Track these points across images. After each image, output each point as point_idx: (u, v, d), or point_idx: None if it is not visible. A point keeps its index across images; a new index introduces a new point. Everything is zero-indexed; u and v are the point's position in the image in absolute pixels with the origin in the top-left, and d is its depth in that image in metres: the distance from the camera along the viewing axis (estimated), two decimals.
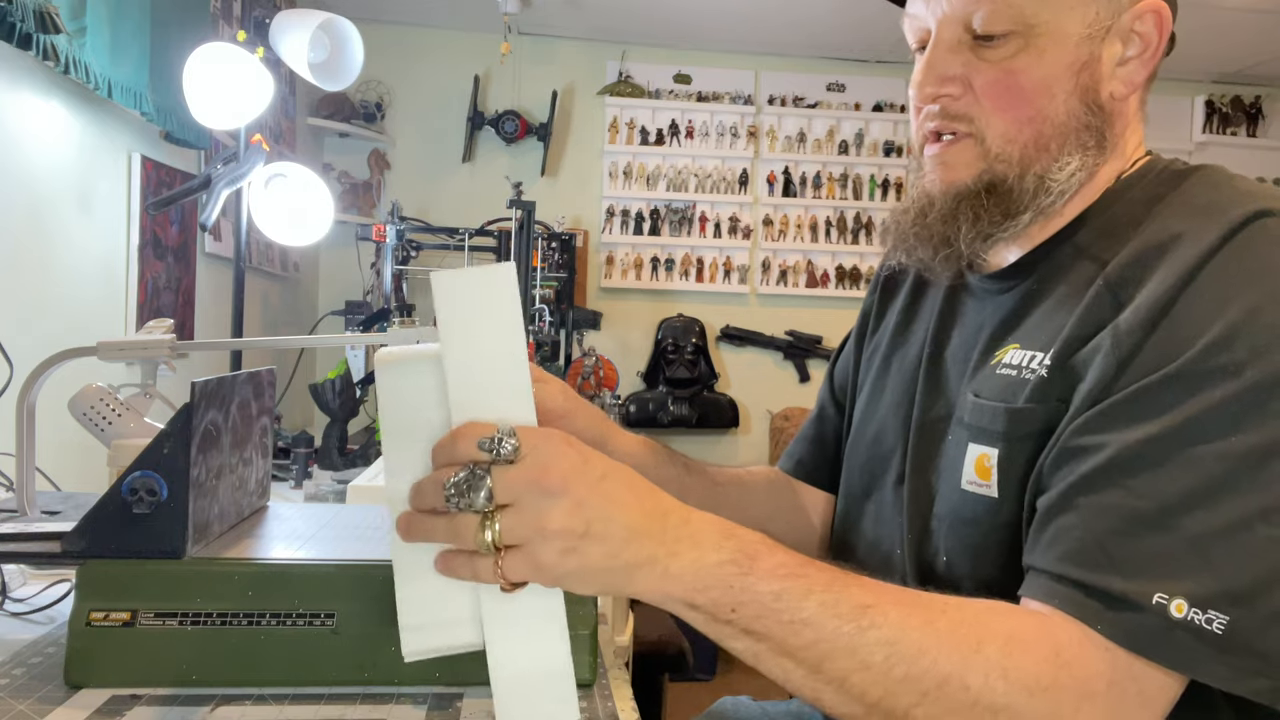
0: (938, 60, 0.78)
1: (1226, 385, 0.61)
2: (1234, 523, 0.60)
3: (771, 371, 3.98)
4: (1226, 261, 0.65)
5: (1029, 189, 0.76)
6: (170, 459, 0.80)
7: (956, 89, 0.77)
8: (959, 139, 0.78)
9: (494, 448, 0.56)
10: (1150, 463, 0.62)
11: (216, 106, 1.86)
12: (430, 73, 3.76)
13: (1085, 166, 0.76)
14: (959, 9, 0.76)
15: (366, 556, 0.83)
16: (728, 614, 0.60)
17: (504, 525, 0.56)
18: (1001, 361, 0.77)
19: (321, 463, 2.07)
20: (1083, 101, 0.75)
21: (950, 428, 0.81)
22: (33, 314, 1.65)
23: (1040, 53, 0.74)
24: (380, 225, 3.10)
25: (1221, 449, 0.61)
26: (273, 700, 0.76)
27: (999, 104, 0.76)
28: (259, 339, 2.05)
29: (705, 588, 0.60)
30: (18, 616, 0.95)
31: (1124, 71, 0.76)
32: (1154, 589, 0.59)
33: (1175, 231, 0.69)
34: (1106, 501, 0.63)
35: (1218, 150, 4.00)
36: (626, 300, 3.90)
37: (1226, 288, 0.64)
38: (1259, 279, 0.64)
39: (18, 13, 1.41)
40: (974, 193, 0.77)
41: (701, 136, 3.89)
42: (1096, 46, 0.75)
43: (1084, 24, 0.74)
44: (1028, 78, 0.74)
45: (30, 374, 1.04)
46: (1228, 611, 0.59)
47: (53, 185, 1.72)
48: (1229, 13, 3.21)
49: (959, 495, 0.77)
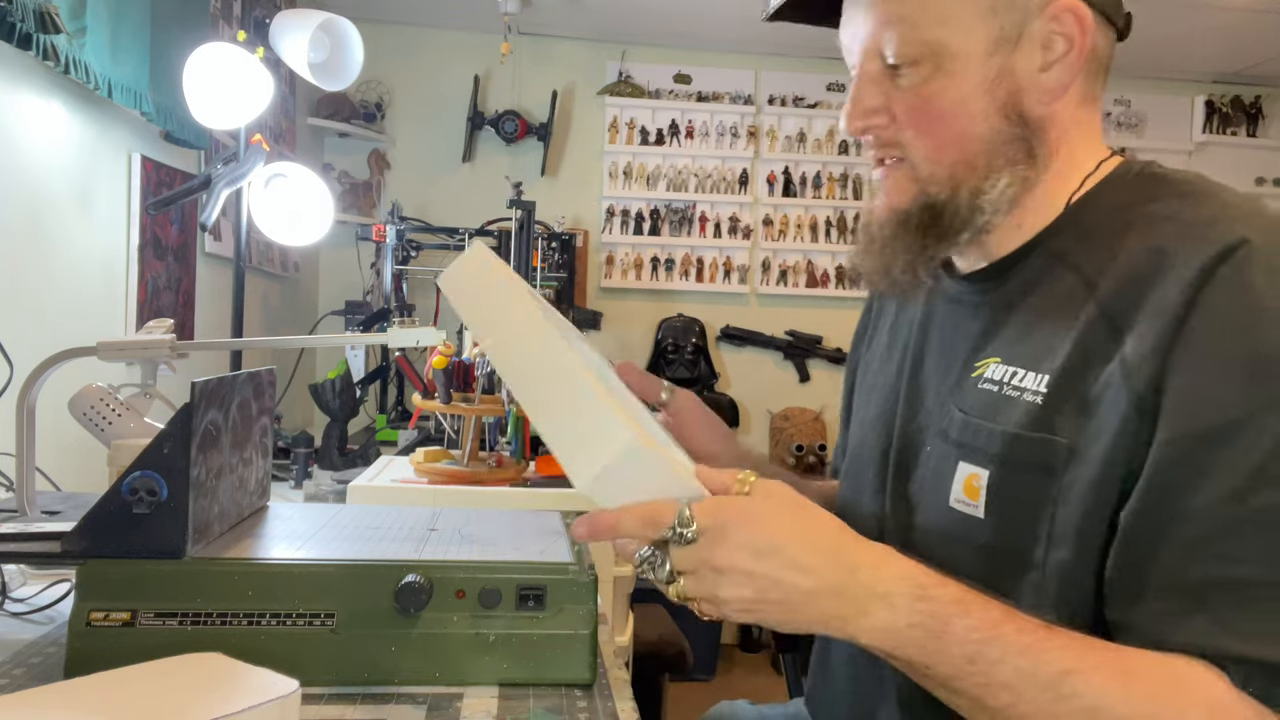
0: (860, 93, 0.79)
1: (1273, 429, 0.61)
2: None
3: (771, 371, 3.98)
4: (1222, 291, 0.65)
5: (963, 208, 0.76)
6: (170, 459, 0.80)
7: (883, 119, 0.78)
8: (896, 165, 0.80)
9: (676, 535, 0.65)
10: (1244, 525, 0.61)
11: (216, 106, 1.86)
12: (430, 73, 3.76)
13: (1016, 180, 0.76)
14: (873, 41, 0.77)
15: (366, 556, 0.83)
16: (924, 670, 0.64)
17: (686, 584, 0.66)
18: (983, 375, 0.77)
19: (321, 463, 2.07)
20: (1004, 115, 0.75)
21: (929, 439, 0.82)
22: (33, 314, 1.65)
23: (950, 75, 0.75)
24: (380, 225, 3.10)
25: None
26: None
27: (920, 129, 0.77)
28: (259, 339, 2.05)
29: (898, 647, 0.64)
30: (18, 616, 0.95)
31: (1047, 77, 0.76)
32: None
33: (1163, 251, 0.68)
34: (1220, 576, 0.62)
35: (1218, 150, 4.00)
36: (626, 300, 3.90)
37: (1239, 323, 0.64)
38: (1259, 308, 0.64)
39: (18, 13, 1.41)
40: (913, 216, 0.78)
41: (701, 136, 3.89)
42: (1007, 59, 0.74)
43: (989, 40, 0.74)
44: (943, 101, 0.75)
45: (30, 374, 1.04)
46: None
47: (53, 185, 1.72)
48: (1229, 13, 3.21)
49: (946, 512, 0.77)
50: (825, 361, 3.96)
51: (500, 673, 0.81)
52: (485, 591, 0.81)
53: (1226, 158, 4.00)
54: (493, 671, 0.81)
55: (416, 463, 1.54)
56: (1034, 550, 0.71)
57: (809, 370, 3.97)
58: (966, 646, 0.62)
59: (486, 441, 1.63)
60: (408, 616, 0.80)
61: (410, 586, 0.79)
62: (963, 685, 0.63)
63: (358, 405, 2.26)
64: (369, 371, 3.02)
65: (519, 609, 0.81)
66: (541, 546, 0.89)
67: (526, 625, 0.82)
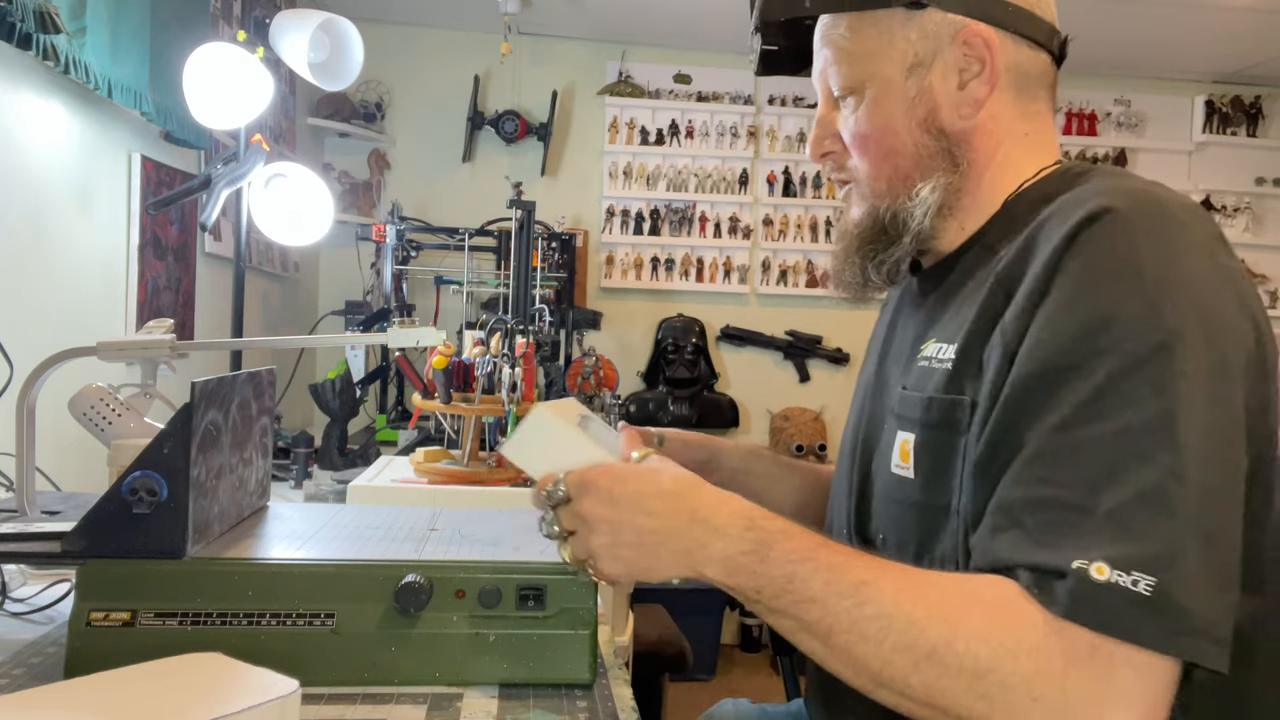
0: (817, 126, 0.93)
1: (1109, 364, 0.67)
2: (1145, 490, 0.64)
3: (771, 371, 3.98)
4: (1082, 252, 0.72)
5: (901, 214, 0.87)
6: (170, 459, 0.80)
7: (837, 146, 0.91)
8: (850, 185, 0.92)
9: (552, 496, 0.77)
10: (1061, 450, 0.68)
11: (216, 106, 1.86)
12: (430, 73, 3.76)
13: (939, 186, 0.86)
14: (822, 79, 0.91)
15: (366, 556, 0.84)
16: (755, 595, 0.72)
17: (572, 544, 0.78)
18: (922, 354, 0.86)
19: (321, 463, 2.07)
20: (926, 131, 0.85)
21: (886, 418, 0.90)
22: (33, 314, 1.65)
23: (877, 101, 0.86)
24: (380, 225, 3.10)
25: (1122, 425, 0.66)
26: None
27: (860, 152, 0.88)
28: (259, 339, 2.05)
29: (733, 574, 0.72)
30: (18, 616, 0.95)
31: (964, 95, 0.85)
32: (1073, 557, 0.64)
33: (1045, 223, 0.76)
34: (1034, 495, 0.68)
35: (1217, 150, 4.00)
36: (626, 300, 3.90)
37: (1086, 282, 0.71)
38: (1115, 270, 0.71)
39: (18, 13, 1.41)
40: (865, 227, 0.90)
41: (701, 136, 3.89)
42: (924, 80, 0.85)
43: (905, 66, 0.85)
44: (873, 124, 0.86)
45: (30, 374, 1.04)
46: (1153, 573, 0.62)
47: (53, 185, 1.72)
48: (1229, 13, 3.22)
49: (889, 477, 0.86)
50: (825, 361, 3.96)
51: (500, 673, 0.81)
52: (485, 591, 0.81)
53: (1226, 158, 4.00)
54: (493, 671, 0.81)
55: (416, 463, 1.54)
56: (951, 502, 0.78)
57: (809, 370, 3.97)
58: (786, 567, 0.70)
59: (486, 441, 1.63)
60: (408, 616, 0.80)
61: (410, 586, 0.79)
62: (783, 604, 0.70)
63: (358, 405, 2.26)
64: (369, 371, 3.02)
65: (519, 609, 0.82)
66: (541, 546, 0.89)
67: (526, 625, 0.82)
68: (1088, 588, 0.63)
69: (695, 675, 3.28)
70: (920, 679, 0.66)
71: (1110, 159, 3.98)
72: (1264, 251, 4.02)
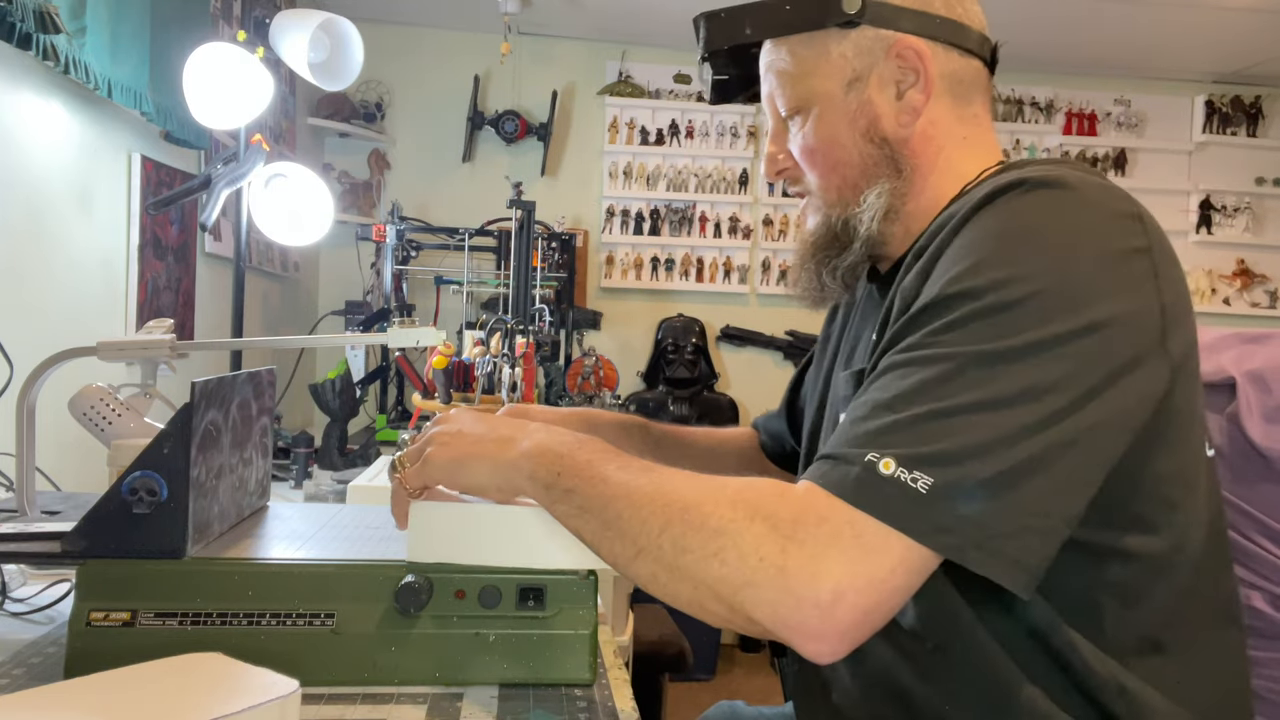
0: (771, 144, 0.97)
1: (966, 305, 0.71)
2: (953, 408, 0.68)
3: (771, 371, 3.98)
4: (976, 222, 0.76)
5: (851, 222, 0.92)
6: (170, 459, 0.80)
7: (790, 163, 0.95)
8: (806, 198, 0.96)
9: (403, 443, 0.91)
10: (898, 368, 0.72)
11: (216, 106, 1.86)
12: (430, 73, 3.76)
13: (884, 192, 0.90)
14: (770, 102, 0.95)
15: (366, 556, 0.84)
16: (555, 478, 0.77)
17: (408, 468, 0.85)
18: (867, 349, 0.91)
19: (321, 463, 2.07)
20: (869, 140, 0.90)
21: (829, 410, 0.97)
22: (33, 314, 1.65)
23: (821, 117, 0.90)
24: (380, 225, 3.10)
25: (956, 352, 0.70)
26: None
27: (810, 166, 0.93)
28: (259, 339, 2.05)
29: (538, 455, 0.78)
30: (18, 616, 0.95)
31: (902, 104, 0.89)
32: (870, 451, 0.68)
33: (963, 201, 0.80)
34: (859, 399, 0.73)
35: (1217, 150, 4.00)
36: (626, 300, 3.90)
37: (974, 238, 0.75)
38: (1002, 229, 0.75)
39: (18, 13, 1.41)
40: (820, 237, 0.94)
41: (701, 136, 3.90)
42: (863, 94, 0.89)
43: (845, 82, 0.89)
44: (819, 139, 0.91)
45: (30, 374, 1.04)
46: (932, 474, 0.66)
47: (53, 185, 1.72)
48: (1229, 13, 3.22)
49: None
50: None
51: (500, 673, 0.81)
52: (485, 591, 0.81)
53: (1226, 158, 4.00)
54: (493, 671, 0.81)
55: None
56: None
57: None
58: (590, 454, 0.77)
59: None
60: (408, 616, 0.80)
61: (410, 586, 0.79)
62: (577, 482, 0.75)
63: (358, 405, 2.26)
64: (369, 371, 3.02)
65: (519, 609, 0.82)
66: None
67: (526, 625, 0.82)
68: (871, 477, 0.67)
69: (695, 675, 3.28)
70: (670, 536, 0.70)
71: (1110, 159, 3.98)
72: (1264, 251, 4.03)
